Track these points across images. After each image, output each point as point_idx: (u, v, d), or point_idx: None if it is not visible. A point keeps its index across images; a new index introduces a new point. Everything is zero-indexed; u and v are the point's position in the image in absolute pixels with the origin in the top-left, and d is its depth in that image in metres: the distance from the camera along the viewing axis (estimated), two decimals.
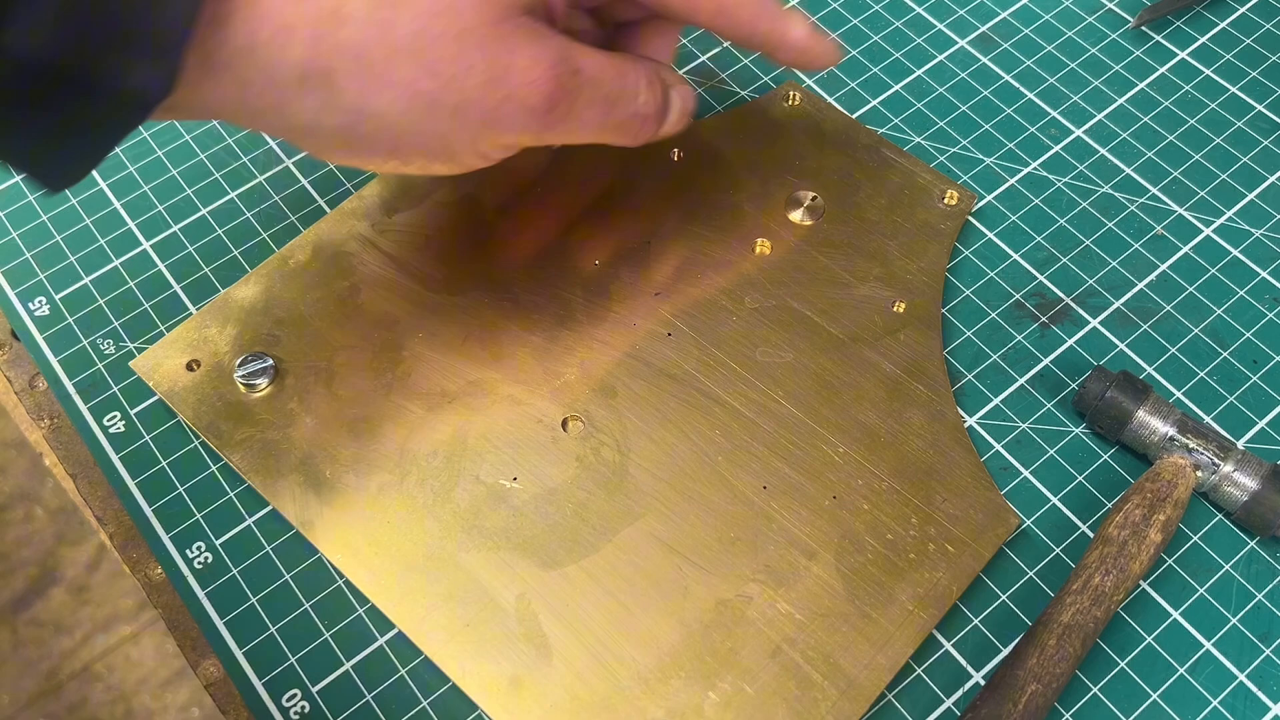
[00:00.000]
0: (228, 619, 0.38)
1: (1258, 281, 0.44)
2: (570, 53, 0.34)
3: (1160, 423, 0.39)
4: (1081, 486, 0.40)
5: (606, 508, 0.38)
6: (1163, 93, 0.50)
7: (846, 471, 0.39)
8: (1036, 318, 0.44)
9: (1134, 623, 0.38)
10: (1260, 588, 0.38)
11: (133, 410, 0.42)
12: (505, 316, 0.42)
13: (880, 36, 0.52)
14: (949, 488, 0.39)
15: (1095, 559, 0.36)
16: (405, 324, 0.42)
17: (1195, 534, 0.39)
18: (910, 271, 0.43)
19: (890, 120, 0.49)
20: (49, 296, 0.44)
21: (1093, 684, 0.37)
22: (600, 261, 0.43)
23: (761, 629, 0.36)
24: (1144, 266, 0.45)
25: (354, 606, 0.38)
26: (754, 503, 0.38)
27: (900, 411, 0.40)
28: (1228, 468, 0.38)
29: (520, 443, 0.39)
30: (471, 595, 0.37)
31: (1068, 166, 0.48)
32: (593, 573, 0.37)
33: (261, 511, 0.40)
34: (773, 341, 0.42)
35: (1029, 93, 0.50)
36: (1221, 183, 0.47)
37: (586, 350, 0.41)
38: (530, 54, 0.32)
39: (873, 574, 0.37)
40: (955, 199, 0.45)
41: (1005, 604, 0.38)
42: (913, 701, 0.36)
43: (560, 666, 0.35)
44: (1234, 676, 0.37)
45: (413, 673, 0.37)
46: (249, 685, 0.37)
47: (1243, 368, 0.42)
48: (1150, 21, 0.52)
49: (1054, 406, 0.42)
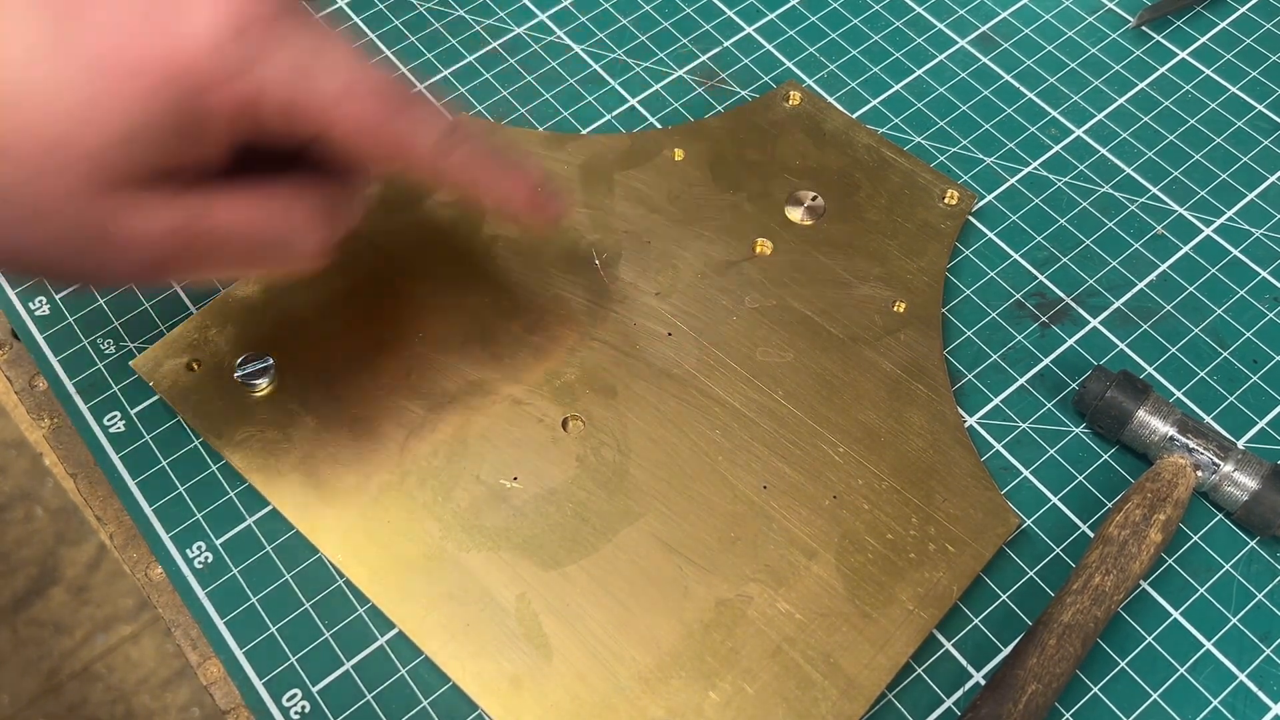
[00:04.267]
0: (228, 619, 0.38)
1: (1258, 281, 0.44)
2: (197, 213, 0.31)
3: (1160, 422, 0.39)
4: (1081, 486, 0.40)
5: (606, 508, 0.38)
6: (1163, 92, 0.50)
7: (846, 471, 0.39)
8: (1037, 317, 0.44)
9: (1134, 622, 0.38)
10: (1260, 588, 0.38)
11: (133, 410, 0.42)
12: (505, 316, 0.42)
13: (880, 36, 0.52)
14: (949, 487, 0.39)
15: (1095, 559, 0.36)
16: (405, 324, 0.42)
17: (1195, 534, 0.39)
18: (910, 271, 0.43)
19: (890, 120, 0.49)
20: (49, 296, 0.44)
21: (1093, 684, 0.37)
22: (600, 261, 0.43)
23: (762, 629, 0.36)
24: (1144, 266, 0.45)
25: (354, 606, 0.38)
26: (754, 502, 0.38)
27: (900, 411, 0.40)
28: (1228, 467, 0.38)
29: (520, 443, 0.39)
30: (471, 595, 0.37)
31: (1068, 166, 0.48)
32: (593, 573, 0.37)
33: (261, 511, 0.40)
34: (773, 341, 0.42)
35: (1029, 92, 0.50)
36: (1222, 182, 0.47)
37: (586, 350, 0.41)
38: (140, 220, 0.30)
39: (873, 574, 0.37)
40: (955, 199, 0.45)
41: (1005, 604, 0.38)
42: (913, 701, 0.36)
43: (560, 666, 0.35)
44: (1234, 676, 0.37)
45: (413, 673, 0.37)
46: (249, 685, 0.37)
47: (1243, 367, 0.42)
48: (1150, 21, 0.52)
49: (1054, 406, 0.42)
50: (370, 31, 0.52)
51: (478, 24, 0.53)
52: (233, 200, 0.32)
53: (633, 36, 0.52)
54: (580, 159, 0.46)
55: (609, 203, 0.45)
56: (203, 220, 0.31)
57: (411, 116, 0.33)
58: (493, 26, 0.52)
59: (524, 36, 0.52)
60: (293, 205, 0.33)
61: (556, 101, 0.50)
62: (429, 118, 0.33)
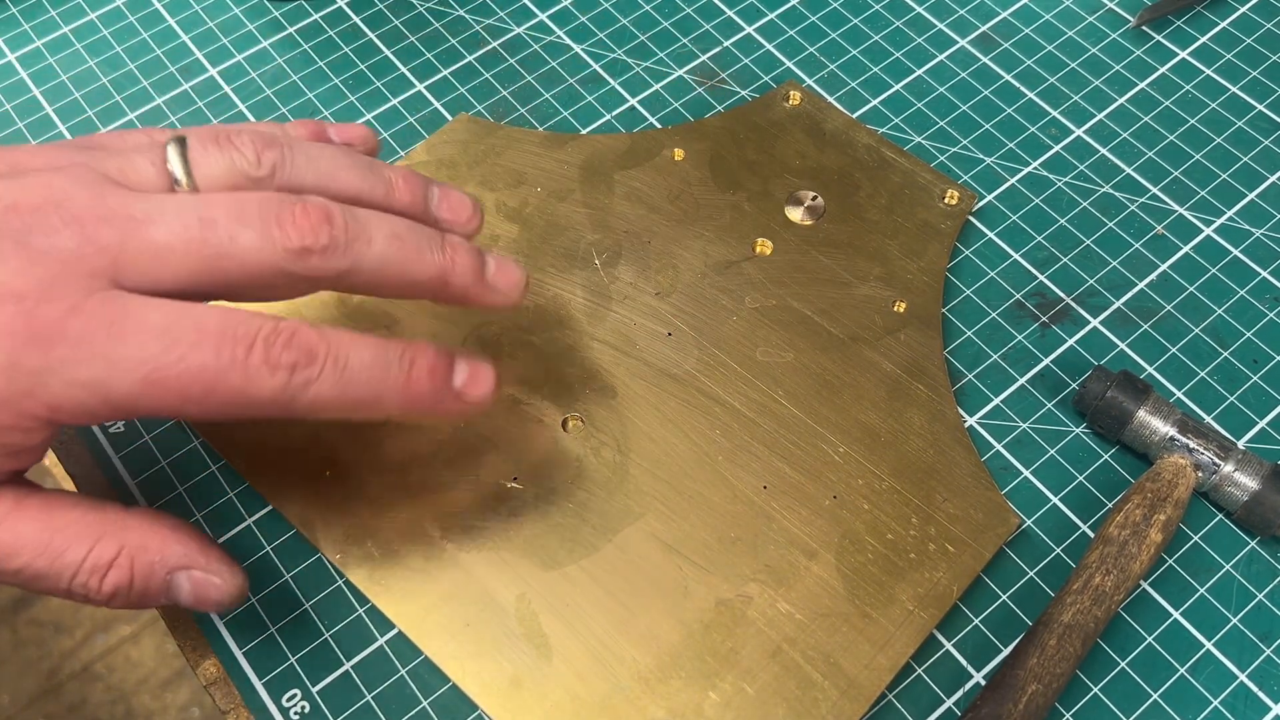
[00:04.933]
0: (228, 619, 0.38)
1: (1258, 281, 0.44)
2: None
3: (1161, 423, 0.39)
4: (1082, 486, 0.40)
5: (606, 508, 0.38)
6: (1163, 92, 0.50)
7: (847, 471, 0.39)
8: (1037, 317, 0.44)
9: (1134, 623, 0.38)
10: (1260, 588, 0.38)
11: None
12: (505, 316, 0.42)
13: (880, 36, 0.52)
14: (949, 487, 0.39)
15: (1096, 559, 0.36)
16: (405, 324, 0.42)
17: (1196, 534, 0.39)
18: (910, 271, 0.43)
19: (890, 120, 0.49)
20: None
21: (1093, 684, 0.37)
22: (600, 261, 0.43)
23: (762, 629, 0.36)
24: (1144, 266, 0.45)
25: (354, 606, 0.38)
26: (754, 502, 0.38)
27: (900, 411, 0.40)
28: (1228, 468, 0.38)
29: (520, 443, 0.39)
30: (471, 595, 0.37)
31: (1068, 166, 0.48)
32: (593, 573, 0.37)
33: (261, 511, 0.40)
34: (773, 341, 0.42)
35: (1029, 92, 0.50)
36: (1222, 182, 0.47)
37: (586, 350, 0.41)
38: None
39: (873, 574, 0.37)
40: (955, 199, 0.45)
41: (1005, 604, 0.38)
42: (913, 701, 0.36)
43: (560, 666, 0.35)
44: (1234, 676, 0.37)
45: (413, 673, 0.37)
46: (249, 685, 0.37)
47: (1243, 367, 0.42)
48: (1150, 21, 0.52)
49: (1054, 406, 0.42)
50: (370, 31, 0.52)
51: (478, 24, 0.53)
52: (17, 523, 0.30)
53: (633, 36, 0.52)
54: (580, 159, 0.46)
55: (609, 202, 0.45)
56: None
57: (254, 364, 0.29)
58: (493, 26, 0.52)
59: (524, 36, 0.52)
60: (75, 545, 0.31)
61: (556, 101, 0.50)
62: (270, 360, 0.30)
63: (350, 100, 0.50)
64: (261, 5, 0.53)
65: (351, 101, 0.50)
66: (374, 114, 0.49)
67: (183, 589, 0.32)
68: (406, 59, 0.51)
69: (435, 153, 0.46)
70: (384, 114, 0.49)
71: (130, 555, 0.31)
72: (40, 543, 0.30)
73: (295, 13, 0.53)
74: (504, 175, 0.46)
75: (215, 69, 0.51)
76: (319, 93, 0.50)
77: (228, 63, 0.51)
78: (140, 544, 0.32)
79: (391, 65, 0.51)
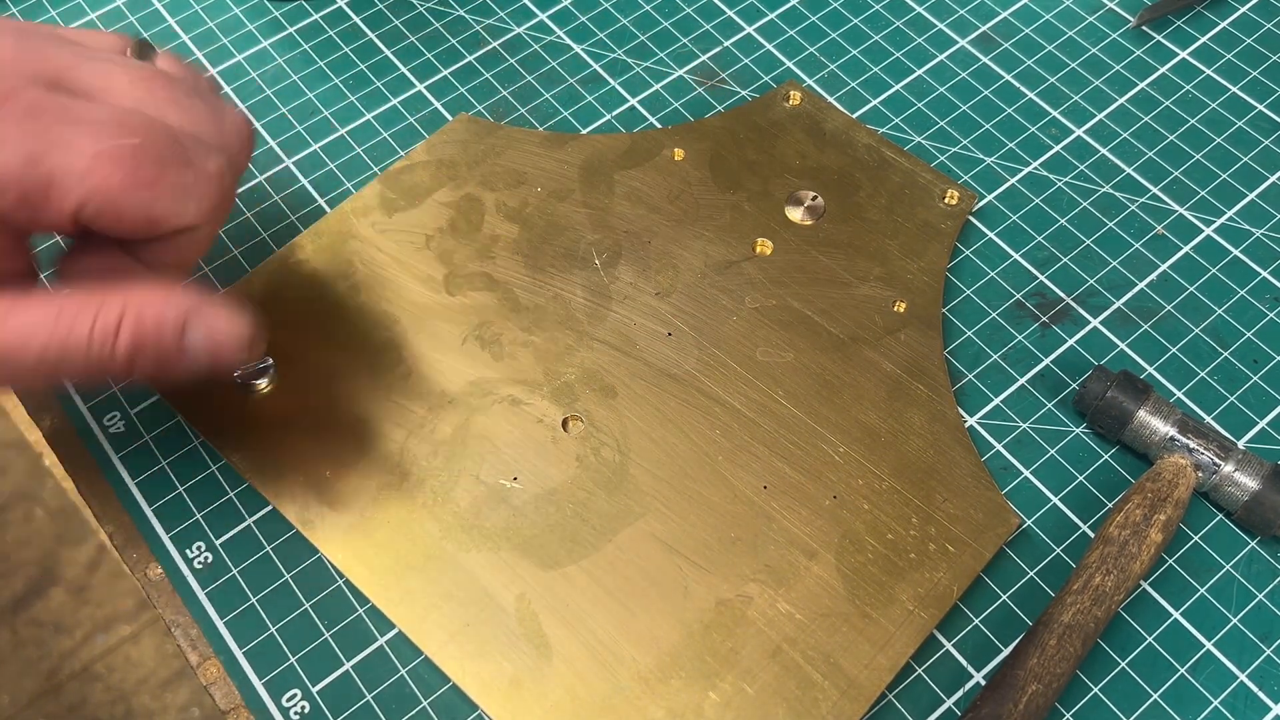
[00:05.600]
0: (228, 619, 0.38)
1: (1258, 281, 0.44)
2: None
3: (1161, 423, 0.39)
4: (1082, 486, 0.40)
5: (606, 508, 0.38)
6: (1163, 92, 0.50)
7: (847, 471, 0.39)
8: (1037, 317, 0.44)
9: (1135, 623, 0.38)
10: (1261, 588, 0.38)
11: (133, 410, 0.42)
12: (505, 317, 0.42)
13: (880, 36, 0.52)
14: (949, 488, 0.39)
15: (1096, 559, 0.36)
16: (405, 324, 0.42)
17: (1196, 534, 0.39)
18: (910, 271, 0.43)
19: (890, 120, 0.49)
20: None
21: (1093, 684, 0.37)
22: (600, 261, 0.43)
23: (762, 629, 0.36)
24: (1144, 266, 0.45)
25: (354, 606, 0.38)
26: (754, 502, 0.38)
27: (900, 411, 0.40)
28: (1228, 468, 0.38)
29: (520, 443, 0.39)
30: (471, 595, 0.37)
31: (1068, 166, 0.48)
32: (593, 573, 0.37)
33: (261, 511, 0.40)
34: (773, 341, 0.42)
35: (1029, 92, 0.50)
36: (1222, 182, 0.47)
37: (586, 350, 0.41)
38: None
39: (873, 574, 0.37)
40: (956, 199, 0.45)
41: (1006, 604, 0.38)
42: (913, 701, 0.36)
43: (560, 666, 0.35)
44: (1234, 676, 0.37)
45: (413, 673, 0.37)
46: (249, 685, 0.37)
47: (1243, 367, 0.42)
48: (1151, 21, 0.52)
49: (1054, 406, 0.42)
50: (370, 31, 0.52)
51: (478, 24, 0.53)
52: (26, 310, 0.31)
53: (633, 36, 0.52)
54: (580, 159, 0.46)
55: (609, 202, 0.45)
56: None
57: (165, 182, 0.31)
58: (493, 26, 0.52)
59: (524, 36, 0.52)
60: (80, 316, 0.31)
61: (556, 101, 0.50)
62: (191, 181, 0.32)
63: (350, 100, 0.50)
64: (261, 5, 0.53)
65: (351, 101, 0.50)
66: (374, 114, 0.49)
67: (198, 343, 0.33)
68: (406, 59, 0.51)
69: (435, 153, 0.46)
70: (384, 114, 0.49)
71: (136, 312, 0.32)
72: (47, 326, 0.31)
73: (295, 13, 0.53)
74: (504, 175, 0.46)
75: (215, 69, 0.51)
76: (319, 93, 0.50)
77: (228, 63, 0.51)
78: (142, 300, 0.32)
79: (391, 65, 0.51)
